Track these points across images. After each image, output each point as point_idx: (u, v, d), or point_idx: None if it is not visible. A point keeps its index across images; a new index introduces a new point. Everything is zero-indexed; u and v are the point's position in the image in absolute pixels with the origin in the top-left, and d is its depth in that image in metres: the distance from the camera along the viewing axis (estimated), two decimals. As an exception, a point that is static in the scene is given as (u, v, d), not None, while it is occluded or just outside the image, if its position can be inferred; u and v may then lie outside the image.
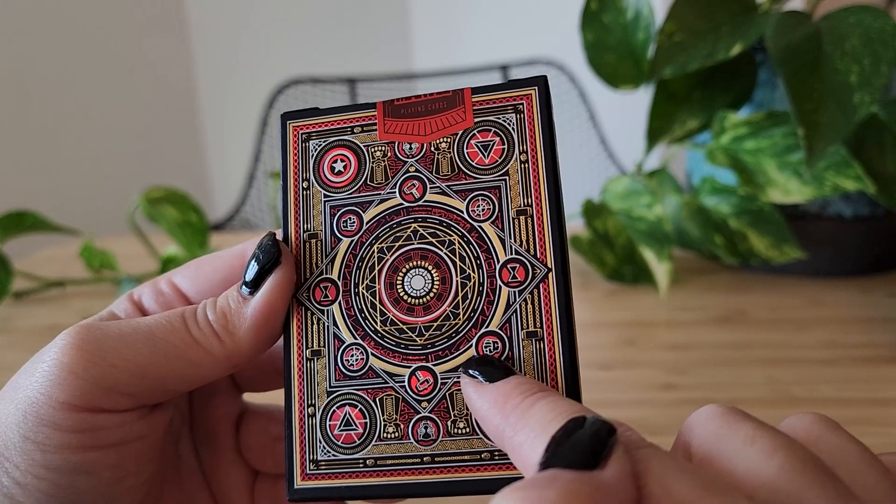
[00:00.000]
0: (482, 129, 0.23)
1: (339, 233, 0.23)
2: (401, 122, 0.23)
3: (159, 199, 0.64)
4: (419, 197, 0.23)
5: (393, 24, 2.03)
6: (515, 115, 0.23)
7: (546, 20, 1.72)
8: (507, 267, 0.22)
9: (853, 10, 0.51)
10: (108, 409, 0.21)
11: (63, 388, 0.21)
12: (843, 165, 0.52)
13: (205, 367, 0.22)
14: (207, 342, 0.22)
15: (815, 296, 0.58)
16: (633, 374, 0.47)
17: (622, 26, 0.61)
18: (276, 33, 1.99)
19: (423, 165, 0.23)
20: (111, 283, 0.66)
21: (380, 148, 0.23)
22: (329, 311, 0.22)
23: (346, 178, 0.23)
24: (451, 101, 0.23)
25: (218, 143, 2.06)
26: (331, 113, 0.24)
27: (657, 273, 0.58)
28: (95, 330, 0.22)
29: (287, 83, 1.59)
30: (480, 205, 0.22)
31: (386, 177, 0.23)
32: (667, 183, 0.64)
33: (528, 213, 0.22)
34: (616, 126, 1.55)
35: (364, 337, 0.22)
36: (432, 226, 0.22)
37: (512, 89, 0.23)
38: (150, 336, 0.22)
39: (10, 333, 0.58)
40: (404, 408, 0.22)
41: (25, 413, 0.21)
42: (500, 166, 0.22)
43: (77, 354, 0.21)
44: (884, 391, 0.44)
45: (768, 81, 0.59)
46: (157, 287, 0.25)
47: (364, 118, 0.23)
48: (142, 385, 0.21)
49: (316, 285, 0.23)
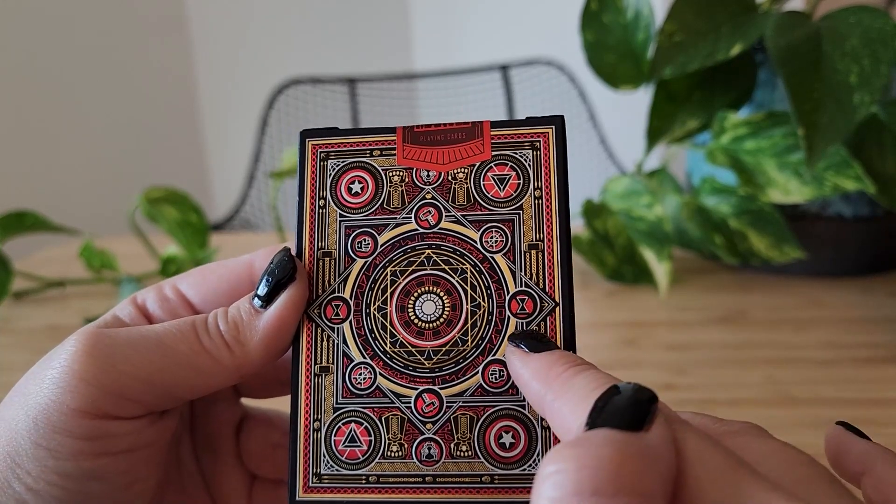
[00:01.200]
0: (499, 162, 0.23)
1: (354, 253, 0.23)
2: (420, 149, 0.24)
3: (159, 199, 0.64)
4: (434, 224, 0.23)
5: (393, 24, 2.03)
6: (532, 152, 0.23)
7: (546, 20, 1.72)
8: (517, 298, 0.22)
9: (853, 10, 0.51)
10: (118, 416, 0.21)
11: (74, 395, 0.21)
12: (843, 165, 0.52)
13: (213, 376, 0.22)
14: (218, 352, 0.22)
15: (815, 296, 0.58)
16: (633, 374, 0.47)
17: (622, 26, 0.61)
18: (276, 33, 1.99)
19: (439, 193, 0.23)
20: (111, 284, 0.66)
21: (398, 173, 0.24)
22: (340, 329, 0.23)
23: (362, 200, 0.24)
24: (470, 133, 0.24)
25: (218, 143, 2.06)
26: (350, 134, 0.24)
27: (657, 273, 0.58)
28: (105, 337, 0.22)
29: (287, 83, 1.59)
30: (494, 236, 0.23)
31: (402, 202, 0.23)
32: (667, 183, 0.64)
33: (539, 247, 0.23)
34: (616, 126, 1.55)
35: (373, 357, 0.23)
36: (446, 253, 0.23)
37: (530, 126, 0.23)
38: (160, 344, 0.22)
39: (10, 334, 0.58)
40: (409, 428, 0.22)
41: (36, 420, 0.21)
42: (514, 200, 0.23)
43: (88, 361, 0.21)
44: (884, 391, 0.44)
45: (768, 81, 0.59)
46: (162, 292, 0.25)
47: (383, 142, 0.24)
48: (151, 392, 0.22)
49: (328, 303, 0.23)
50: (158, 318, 0.24)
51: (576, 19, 0.62)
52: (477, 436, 0.22)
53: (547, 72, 1.61)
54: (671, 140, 0.60)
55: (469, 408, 0.22)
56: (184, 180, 1.35)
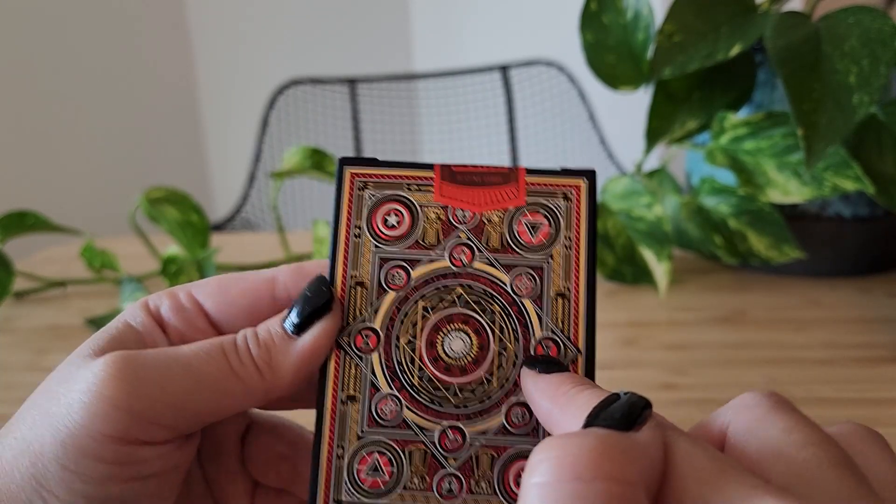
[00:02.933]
0: (532, 209, 0.24)
1: (387, 285, 0.24)
2: (457, 188, 0.24)
3: (160, 199, 0.64)
4: (467, 264, 0.24)
5: (393, 25, 2.04)
6: (565, 202, 0.24)
7: (546, 20, 1.72)
8: (542, 343, 0.23)
9: (852, 10, 0.51)
10: (148, 441, 0.21)
11: (106, 420, 0.20)
12: (843, 166, 0.52)
13: (242, 399, 0.22)
14: (248, 376, 0.22)
15: (814, 296, 0.58)
16: (633, 374, 0.47)
17: (622, 27, 0.62)
18: (276, 33, 1.99)
19: (473, 234, 0.24)
20: (112, 284, 0.66)
21: (434, 209, 0.24)
22: (368, 359, 0.23)
23: (398, 233, 0.24)
24: (506, 177, 0.24)
25: (219, 144, 2.06)
26: (389, 166, 0.25)
27: (657, 273, 0.58)
28: (135, 361, 0.21)
29: (287, 83, 1.59)
30: (524, 281, 0.24)
31: (437, 239, 0.24)
32: (666, 183, 0.64)
33: (566, 296, 0.23)
34: (616, 126, 1.55)
35: (400, 389, 0.23)
36: (477, 294, 0.24)
37: (564, 177, 0.24)
38: (190, 369, 0.22)
39: (11, 333, 0.58)
40: (431, 462, 0.22)
41: (65, 444, 0.20)
42: (545, 248, 0.24)
43: (119, 387, 0.21)
44: (884, 391, 0.44)
45: (767, 82, 0.59)
46: (178, 301, 0.24)
47: (420, 177, 0.24)
48: (181, 417, 0.21)
49: (358, 332, 0.23)
50: (173, 326, 0.24)
51: (575, 20, 0.62)
52: (497, 474, 0.22)
53: (547, 72, 1.61)
54: (671, 140, 0.60)
55: (491, 446, 0.22)
56: (184, 180, 1.35)
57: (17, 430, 0.22)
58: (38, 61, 1.65)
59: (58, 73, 1.69)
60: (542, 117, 1.66)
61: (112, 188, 1.73)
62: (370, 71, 1.71)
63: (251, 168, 1.57)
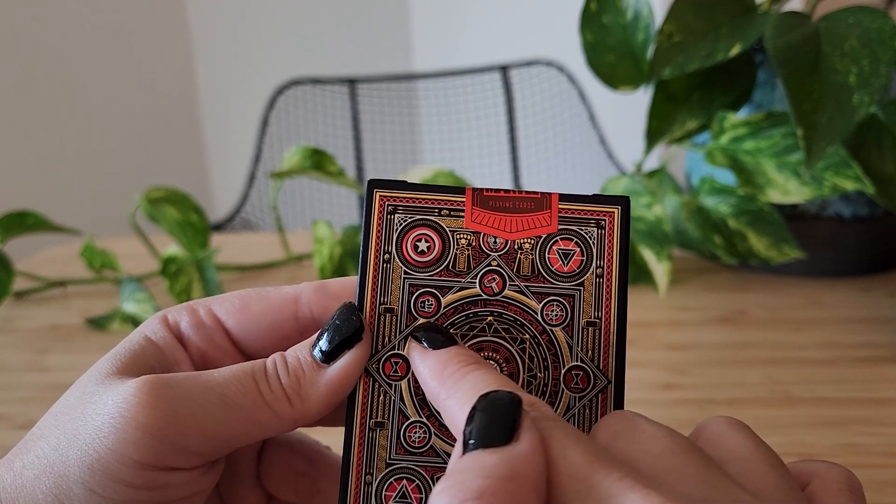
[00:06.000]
0: (564, 237, 0.24)
1: (416, 312, 0.23)
2: (488, 214, 0.24)
3: (160, 199, 0.64)
4: (498, 292, 0.23)
5: (393, 24, 2.04)
6: (597, 230, 0.24)
7: (546, 20, 1.72)
8: (572, 373, 0.23)
9: (852, 10, 0.51)
10: (178, 467, 0.21)
11: (137, 447, 0.20)
12: (842, 166, 0.52)
13: (271, 427, 0.22)
14: (279, 405, 0.22)
15: (814, 296, 0.58)
16: (633, 374, 0.47)
17: (622, 27, 0.62)
18: (276, 33, 1.99)
19: (504, 261, 0.24)
20: (112, 284, 0.66)
21: (465, 236, 0.24)
22: (397, 387, 0.23)
23: (429, 259, 0.24)
24: (538, 203, 0.24)
25: (219, 144, 2.06)
26: (419, 190, 0.24)
27: (657, 273, 0.58)
28: (168, 387, 0.21)
29: (287, 83, 1.59)
30: (554, 310, 0.23)
31: (468, 266, 0.24)
32: (666, 183, 0.64)
33: (597, 325, 0.23)
34: (616, 126, 1.56)
35: (429, 417, 0.23)
36: (507, 322, 0.23)
37: (597, 204, 0.24)
38: (222, 398, 0.21)
39: (11, 333, 0.59)
40: None
41: (92, 467, 0.20)
42: (577, 276, 0.23)
43: (153, 414, 0.21)
44: (883, 391, 0.44)
45: (767, 82, 0.59)
46: (198, 317, 0.24)
47: (451, 202, 0.24)
48: (212, 445, 0.21)
49: (387, 359, 0.23)
50: (194, 343, 0.24)
51: (575, 20, 0.62)
52: None
53: (547, 72, 1.61)
54: (670, 140, 0.60)
55: None
56: (184, 180, 1.35)
57: (38, 448, 0.21)
58: (38, 61, 1.65)
59: (58, 73, 1.69)
60: (542, 117, 1.66)
61: (112, 188, 1.73)
62: (370, 71, 1.71)
63: (251, 168, 1.57)
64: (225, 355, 0.24)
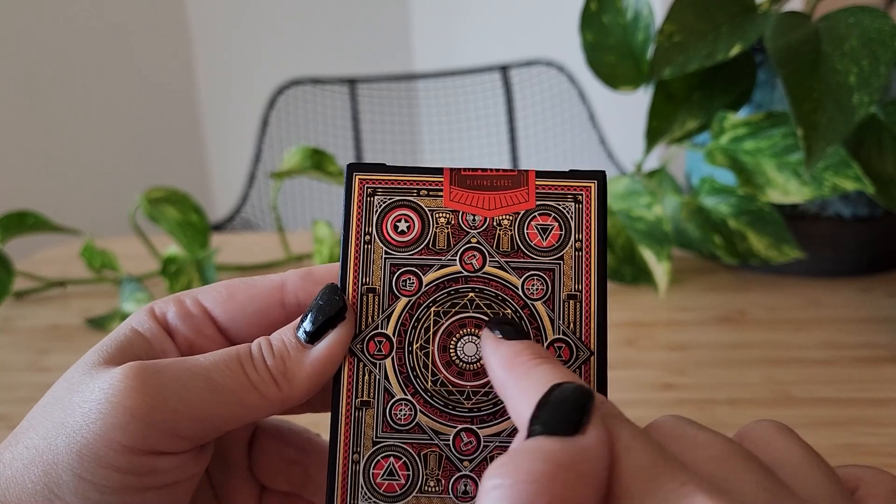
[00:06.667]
0: (542, 212, 0.24)
1: (398, 291, 0.24)
2: (466, 192, 0.24)
3: (160, 199, 0.64)
4: (478, 268, 0.24)
5: (393, 24, 2.04)
6: (574, 205, 0.24)
7: (546, 20, 1.72)
8: (554, 346, 0.23)
9: (852, 10, 0.51)
10: (167, 451, 0.21)
11: (125, 432, 0.20)
12: (842, 166, 0.52)
13: (259, 409, 0.22)
14: (265, 387, 0.22)
15: (814, 296, 0.58)
16: (632, 374, 0.47)
17: (622, 27, 0.62)
18: (276, 33, 1.99)
19: (484, 238, 0.24)
20: (112, 284, 0.66)
21: (444, 215, 0.24)
22: (382, 365, 0.23)
23: (409, 239, 0.24)
24: (515, 181, 0.24)
25: (219, 144, 2.06)
26: (397, 172, 0.25)
27: (656, 273, 0.58)
28: (155, 373, 0.21)
29: (287, 83, 1.59)
30: (535, 284, 0.24)
31: (448, 244, 0.24)
32: (666, 183, 0.64)
33: (577, 297, 0.23)
34: (616, 126, 1.56)
35: (414, 394, 0.23)
36: (488, 298, 0.24)
37: (574, 179, 0.24)
38: (208, 380, 0.22)
39: (11, 333, 0.59)
40: (447, 465, 0.23)
41: (81, 453, 0.20)
42: (556, 250, 0.24)
43: (140, 398, 0.21)
44: (883, 391, 0.44)
45: (767, 82, 0.59)
46: (184, 307, 0.24)
47: (430, 182, 0.24)
48: (200, 428, 0.21)
49: (370, 338, 0.24)
50: (181, 333, 0.24)
51: (575, 20, 0.62)
52: None
53: (547, 72, 1.61)
54: (670, 140, 0.60)
55: (505, 448, 0.23)
56: (184, 180, 1.35)
57: (26, 439, 0.21)
58: (39, 61, 1.65)
59: (58, 73, 1.69)
60: (542, 117, 1.66)
61: (112, 188, 1.73)
62: (370, 71, 1.71)
63: (251, 168, 1.57)
64: (212, 344, 0.24)
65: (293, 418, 0.27)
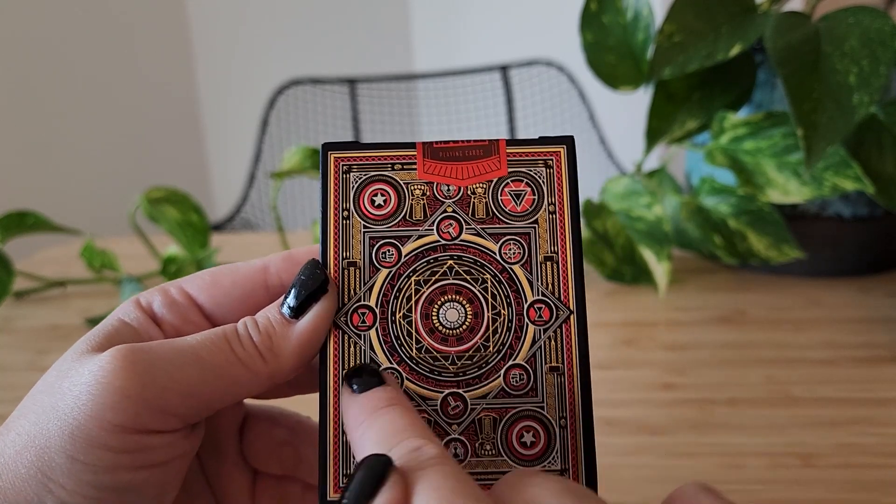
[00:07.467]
0: (515, 178, 0.25)
1: (378, 263, 0.24)
2: (439, 164, 0.25)
3: (160, 199, 0.64)
4: (455, 236, 0.24)
5: (393, 25, 2.04)
6: (545, 169, 0.25)
7: (546, 20, 1.72)
8: (534, 307, 0.24)
9: (852, 10, 0.51)
10: (158, 430, 0.21)
11: (116, 411, 0.21)
12: (842, 166, 0.52)
13: (247, 385, 0.22)
14: (252, 362, 0.22)
15: (814, 296, 0.58)
16: (632, 374, 0.47)
17: (622, 27, 0.62)
18: (276, 33, 1.99)
19: (459, 207, 0.25)
20: (112, 284, 0.66)
21: (419, 186, 0.25)
22: (366, 336, 0.24)
23: (386, 212, 0.25)
24: (486, 150, 0.25)
25: (219, 144, 2.06)
26: (371, 148, 0.25)
27: (656, 273, 0.58)
28: (143, 353, 0.22)
29: (287, 83, 1.59)
30: (512, 248, 0.24)
31: (425, 214, 0.25)
32: (666, 183, 0.64)
33: (554, 259, 0.24)
34: (616, 126, 1.55)
35: (400, 362, 0.24)
36: (467, 264, 0.24)
37: (543, 145, 0.25)
38: (196, 358, 0.22)
39: (11, 333, 0.59)
40: (436, 429, 0.23)
41: (73, 435, 0.21)
42: (530, 215, 0.24)
43: (129, 377, 0.21)
44: (883, 391, 0.44)
45: (767, 82, 0.59)
46: (169, 295, 0.25)
47: (403, 157, 0.25)
48: (190, 406, 0.22)
49: (354, 311, 0.24)
50: (168, 321, 0.24)
51: (575, 20, 0.62)
52: (500, 435, 0.23)
53: (547, 72, 1.61)
54: (670, 140, 0.60)
55: (492, 409, 0.23)
56: (184, 180, 1.35)
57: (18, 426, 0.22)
58: (39, 61, 1.65)
59: (58, 74, 1.69)
60: (542, 117, 1.66)
61: (112, 188, 1.73)
62: (370, 71, 1.71)
63: (251, 168, 1.57)
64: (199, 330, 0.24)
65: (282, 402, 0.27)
